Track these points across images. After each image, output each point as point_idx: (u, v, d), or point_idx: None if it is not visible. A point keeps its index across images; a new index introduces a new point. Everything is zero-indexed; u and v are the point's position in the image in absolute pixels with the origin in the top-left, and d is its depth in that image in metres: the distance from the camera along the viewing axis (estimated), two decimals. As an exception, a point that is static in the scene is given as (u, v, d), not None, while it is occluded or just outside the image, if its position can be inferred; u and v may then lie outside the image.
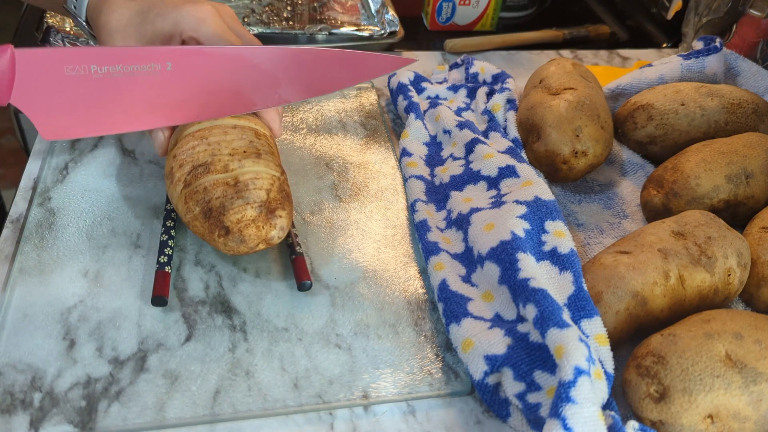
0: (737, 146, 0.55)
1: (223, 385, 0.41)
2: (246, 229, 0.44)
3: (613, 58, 0.82)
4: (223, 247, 0.45)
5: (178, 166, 0.47)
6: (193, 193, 0.46)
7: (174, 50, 0.48)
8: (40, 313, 0.44)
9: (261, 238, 0.45)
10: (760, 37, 0.73)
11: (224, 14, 0.53)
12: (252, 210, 0.45)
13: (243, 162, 0.47)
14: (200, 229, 0.45)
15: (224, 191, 0.45)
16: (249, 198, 0.45)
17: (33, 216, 0.51)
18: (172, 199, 0.48)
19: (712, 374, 0.38)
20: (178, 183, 0.47)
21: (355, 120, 0.65)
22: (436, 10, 0.82)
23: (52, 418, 0.39)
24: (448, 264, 0.49)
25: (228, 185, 0.45)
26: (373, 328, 0.46)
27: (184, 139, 0.49)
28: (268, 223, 0.45)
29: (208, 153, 0.47)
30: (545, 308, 0.41)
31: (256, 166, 0.47)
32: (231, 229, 0.44)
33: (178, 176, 0.47)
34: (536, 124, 0.57)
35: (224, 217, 0.44)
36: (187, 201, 0.46)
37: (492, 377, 0.41)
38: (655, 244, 0.46)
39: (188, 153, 0.47)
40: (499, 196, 0.53)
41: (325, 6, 0.79)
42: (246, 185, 0.45)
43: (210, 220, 0.45)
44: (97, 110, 0.47)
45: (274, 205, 0.45)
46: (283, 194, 0.47)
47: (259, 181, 0.46)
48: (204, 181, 0.46)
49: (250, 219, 0.44)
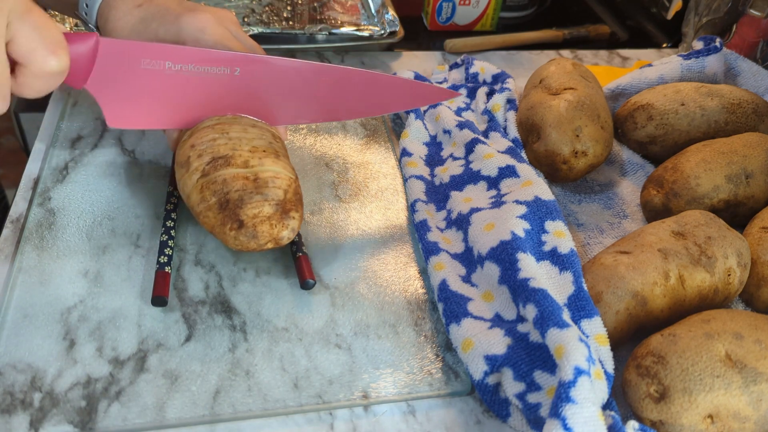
0: (737, 146, 0.55)
1: (223, 385, 0.41)
2: (260, 225, 0.44)
3: (613, 58, 0.82)
4: (232, 241, 0.45)
5: (197, 156, 0.47)
6: (211, 183, 0.46)
7: (244, 57, 0.50)
8: (40, 313, 0.44)
9: (272, 236, 0.45)
10: (760, 37, 0.73)
11: (225, 20, 0.53)
12: (269, 207, 0.45)
13: (263, 160, 0.47)
14: (212, 220, 0.45)
15: (244, 185, 0.45)
16: (268, 195, 0.45)
17: (33, 216, 0.51)
18: (184, 188, 0.47)
19: (712, 374, 0.38)
20: (195, 172, 0.46)
21: (355, 120, 0.65)
22: (436, 10, 0.82)
23: (52, 418, 0.39)
24: (448, 264, 0.49)
25: (248, 180, 0.45)
26: (373, 328, 0.46)
27: (203, 131, 0.49)
28: (281, 222, 0.45)
29: (229, 147, 0.47)
30: (545, 308, 0.41)
31: (275, 166, 0.47)
32: (246, 223, 0.44)
33: (195, 165, 0.47)
34: (536, 124, 0.57)
35: (241, 210, 0.44)
36: (203, 190, 0.46)
37: (492, 377, 0.41)
38: (655, 244, 0.46)
39: (208, 144, 0.47)
40: (499, 196, 0.53)
41: (325, 6, 0.79)
42: (266, 182, 0.45)
43: (225, 212, 0.45)
44: (163, 105, 0.50)
45: (289, 206, 0.46)
46: (297, 197, 0.47)
47: (278, 180, 0.46)
48: (224, 173, 0.46)
49: (266, 216, 0.44)
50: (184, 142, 0.49)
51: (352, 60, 0.75)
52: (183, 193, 0.48)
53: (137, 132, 0.59)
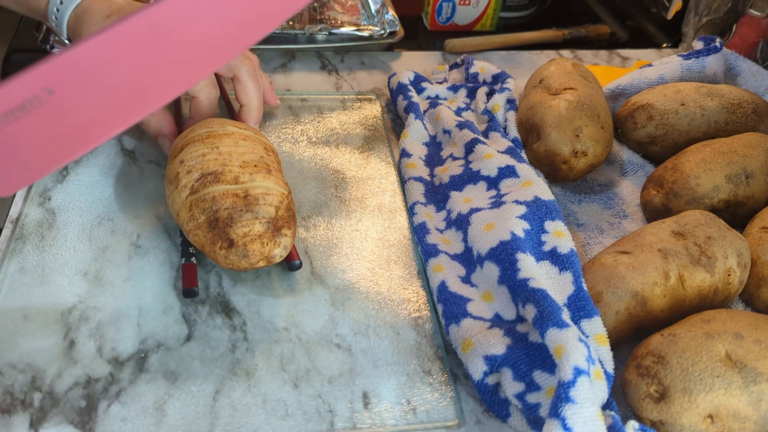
0: (737, 146, 0.55)
1: (223, 385, 0.41)
2: (251, 243, 0.43)
3: (613, 58, 0.82)
4: (223, 261, 0.44)
5: (186, 172, 0.46)
6: (200, 201, 0.45)
7: (45, 69, 0.35)
8: (40, 313, 0.44)
9: (264, 254, 0.44)
10: (760, 37, 0.73)
11: None
12: (260, 225, 0.44)
13: (254, 176, 0.46)
14: (201, 239, 0.44)
15: (233, 203, 0.44)
16: (258, 213, 0.44)
17: (33, 216, 0.51)
18: (173, 205, 0.47)
19: (712, 374, 0.38)
20: (184, 189, 0.46)
21: (354, 120, 0.65)
22: (436, 10, 0.82)
23: (52, 418, 0.39)
24: (447, 265, 0.49)
25: (238, 197, 0.44)
26: (373, 328, 0.46)
27: (193, 145, 0.48)
28: (273, 240, 0.44)
29: (219, 162, 0.46)
30: (545, 308, 0.41)
31: (266, 182, 0.46)
32: (236, 242, 0.43)
33: (184, 182, 0.46)
34: (536, 124, 0.57)
35: (230, 229, 0.43)
36: (192, 208, 0.45)
37: (492, 377, 0.41)
38: (655, 244, 0.46)
39: (198, 160, 0.46)
40: (498, 196, 0.53)
41: (325, 6, 0.79)
42: (256, 199, 0.44)
43: (214, 231, 0.44)
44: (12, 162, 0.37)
45: (281, 223, 0.45)
46: (289, 213, 0.46)
47: (269, 197, 0.45)
48: (213, 190, 0.45)
49: (257, 234, 0.44)
50: (174, 157, 0.48)
51: (351, 60, 0.75)
52: (172, 210, 0.47)
53: (137, 132, 0.59)
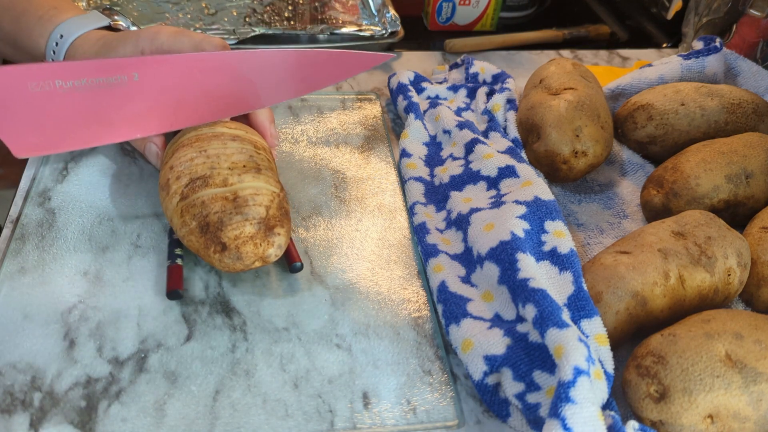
0: (737, 146, 0.55)
1: (223, 385, 0.41)
2: (243, 246, 0.43)
3: (613, 58, 0.82)
4: (218, 264, 0.44)
5: (175, 178, 0.46)
6: (190, 207, 0.45)
7: (139, 60, 0.47)
8: (40, 313, 0.44)
9: (258, 255, 0.44)
10: (760, 37, 0.73)
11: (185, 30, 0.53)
12: (251, 227, 0.44)
13: (242, 177, 0.46)
14: (195, 244, 0.44)
15: (223, 206, 0.44)
16: (248, 214, 0.44)
17: (33, 216, 0.51)
18: (166, 212, 0.47)
19: (712, 374, 0.38)
20: (175, 195, 0.46)
21: (354, 120, 0.65)
22: (436, 10, 0.82)
23: (52, 418, 0.39)
24: (447, 265, 0.49)
25: (227, 200, 0.44)
26: (373, 328, 0.46)
27: (182, 150, 0.48)
28: (266, 240, 0.44)
29: (207, 166, 0.46)
30: (545, 308, 0.41)
31: (255, 181, 0.46)
32: (228, 245, 0.43)
33: (174, 188, 0.46)
34: (536, 124, 0.57)
35: (221, 233, 0.43)
36: (183, 214, 0.45)
37: (491, 377, 0.41)
38: (655, 244, 0.46)
39: (186, 165, 0.46)
40: (498, 196, 0.53)
41: (326, 6, 0.79)
42: (245, 201, 0.44)
43: (206, 236, 0.44)
44: (65, 125, 0.46)
45: (272, 223, 0.45)
46: (282, 211, 0.46)
47: (258, 197, 0.45)
48: (202, 195, 0.45)
49: (248, 236, 0.44)
50: (165, 163, 0.48)
51: (352, 60, 0.75)
52: (166, 216, 0.47)
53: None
